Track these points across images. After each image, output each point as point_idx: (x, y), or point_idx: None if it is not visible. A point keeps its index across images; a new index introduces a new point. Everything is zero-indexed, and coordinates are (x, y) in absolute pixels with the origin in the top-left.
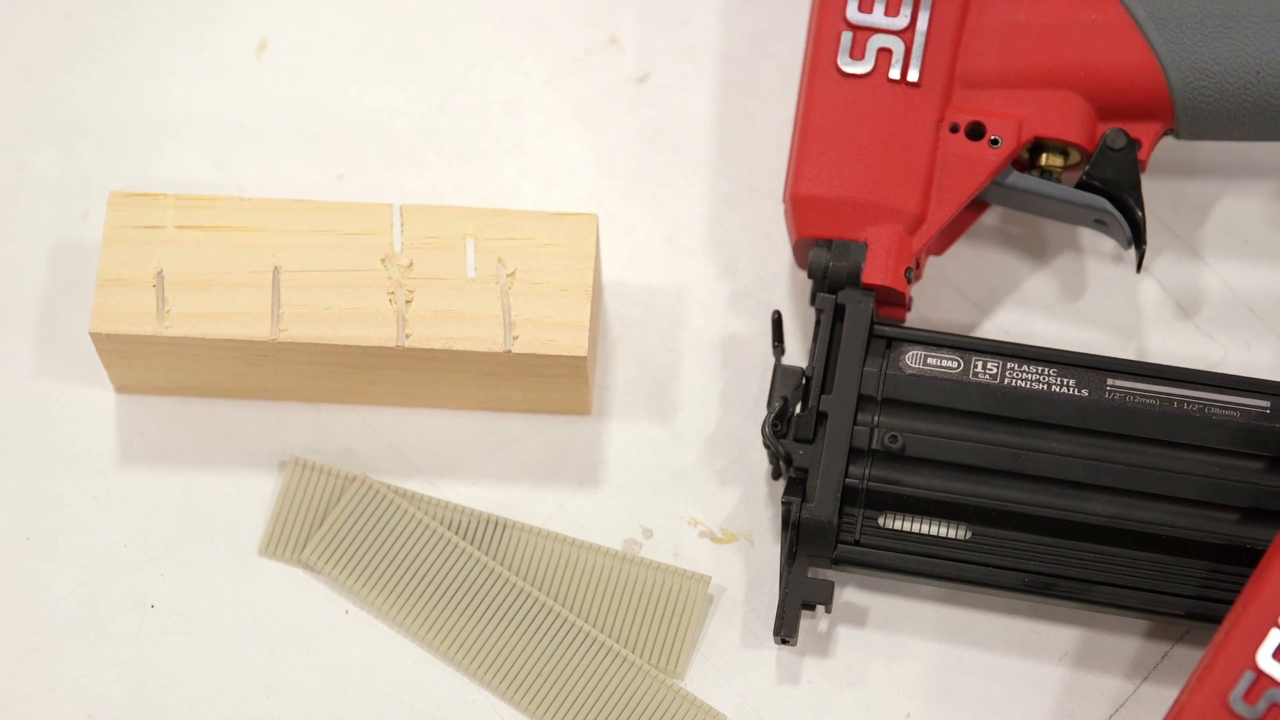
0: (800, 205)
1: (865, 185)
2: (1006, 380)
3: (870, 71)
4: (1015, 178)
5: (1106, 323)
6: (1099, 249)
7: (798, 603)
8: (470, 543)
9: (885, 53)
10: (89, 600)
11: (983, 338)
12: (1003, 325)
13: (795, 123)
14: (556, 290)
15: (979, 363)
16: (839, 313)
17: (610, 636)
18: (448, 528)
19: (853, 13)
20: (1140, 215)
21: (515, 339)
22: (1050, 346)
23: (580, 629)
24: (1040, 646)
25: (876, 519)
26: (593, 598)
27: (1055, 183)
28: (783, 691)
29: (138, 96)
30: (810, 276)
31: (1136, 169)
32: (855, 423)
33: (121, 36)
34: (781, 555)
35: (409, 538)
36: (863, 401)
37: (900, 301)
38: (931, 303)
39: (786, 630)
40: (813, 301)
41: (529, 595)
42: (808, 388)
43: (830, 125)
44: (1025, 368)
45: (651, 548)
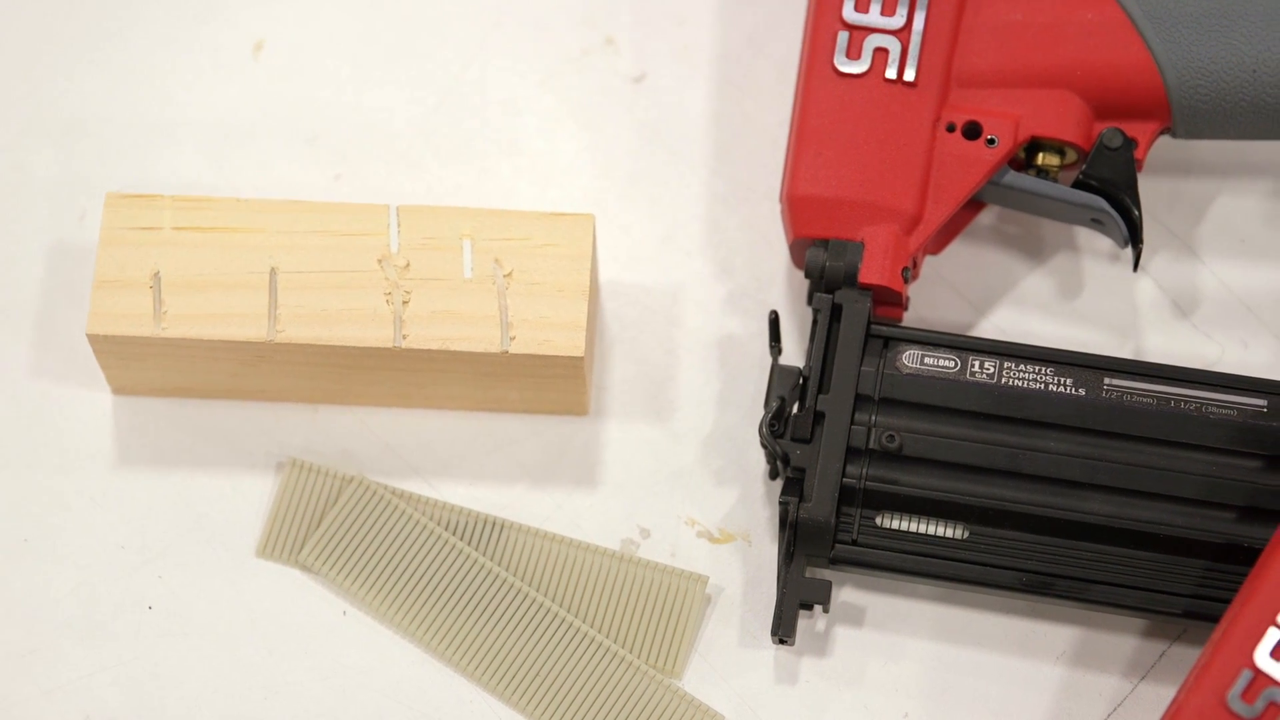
0: (797, 205)
1: (862, 185)
2: (1004, 380)
3: (866, 71)
4: (1012, 177)
5: (1103, 322)
6: (1096, 248)
7: (795, 602)
8: (468, 543)
9: (881, 52)
10: (87, 601)
11: (980, 337)
12: (1000, 325)
13: (792, 123)
14: (553, 290)
15: (976, 362)
16: (836, 312)
17: (608, 637)
18: (445, 528)
19: (849, 12)
20: (1137, 214)
21: (512, 339)
22: (1047, 346)
23: (578, 629)
24: (1038, 646)
25: (874, 519)
26: (590, 598)
27: (1052, 182)
28: (780, 691)
29: (134, 98)
30: (807, 276)
31: (1133, 168)
32: (852, 422)
33: (118, 37)
34: (779, 555)
35: (406, 538)
36: (860, 401)
37: (897, 301)
38: (928, 302)
39: (784, 630)
40: (810, 301)
41: (527, 596)
42: (805, 387)
43: (827, 125)
44: (1022, 367)
45: (649, 548)
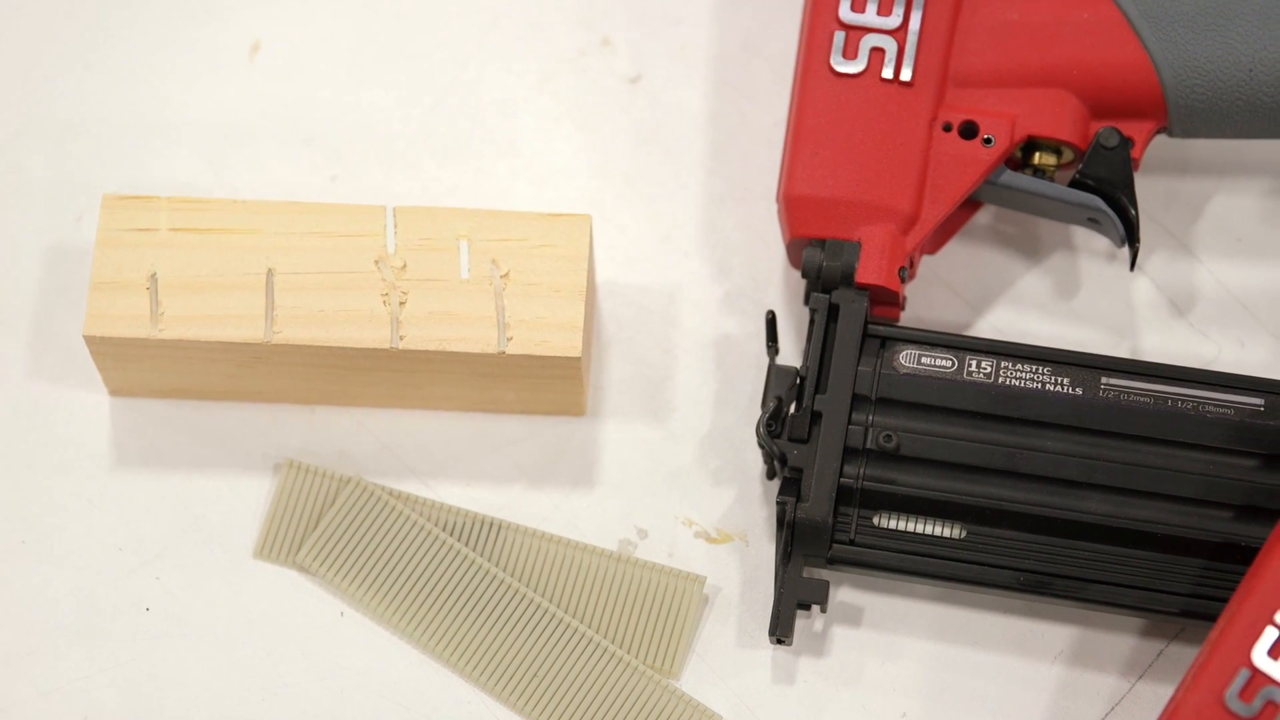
0: (794, 205)
1: (858, 185)
2: (1001, 379)
3: (863, 71)
4: (1008, 176)
5: (1100, 321)
6: (1092, 247)
7: (793, 602)
8: (465, 544)
9: (878, 52)
10: (84, 603)
11: (977, 336)
12: (997, 324)
13: (788, 122)
14: (550, 291)
15: (973, 362)
16: (833, 312)
17: (605, 637)
18: (442, 529)
19: (845, 12)
20: (1133, 213)
21: (509, 340)
22: (1044, 345)
23: (575, 630)
24: (1036, 645)
25: (871, 518)
26: (588, 598)
27: (1048, 181)
28: (778, 691)
29: (131, 99)
30: (804, 276)
31: (1129, 167)
32: (850, 422)
33: (114, 39)
34: (776, 555)
35: (404, 539)
36: (857, 401)
37: (894, 301)
38: (925, 302)
39: (782, 630)
40: (807, 301)
41: (524, 596)
42: (802, 387)
43: (823, 125)
44: (1020, 366)
45: (646, 548)
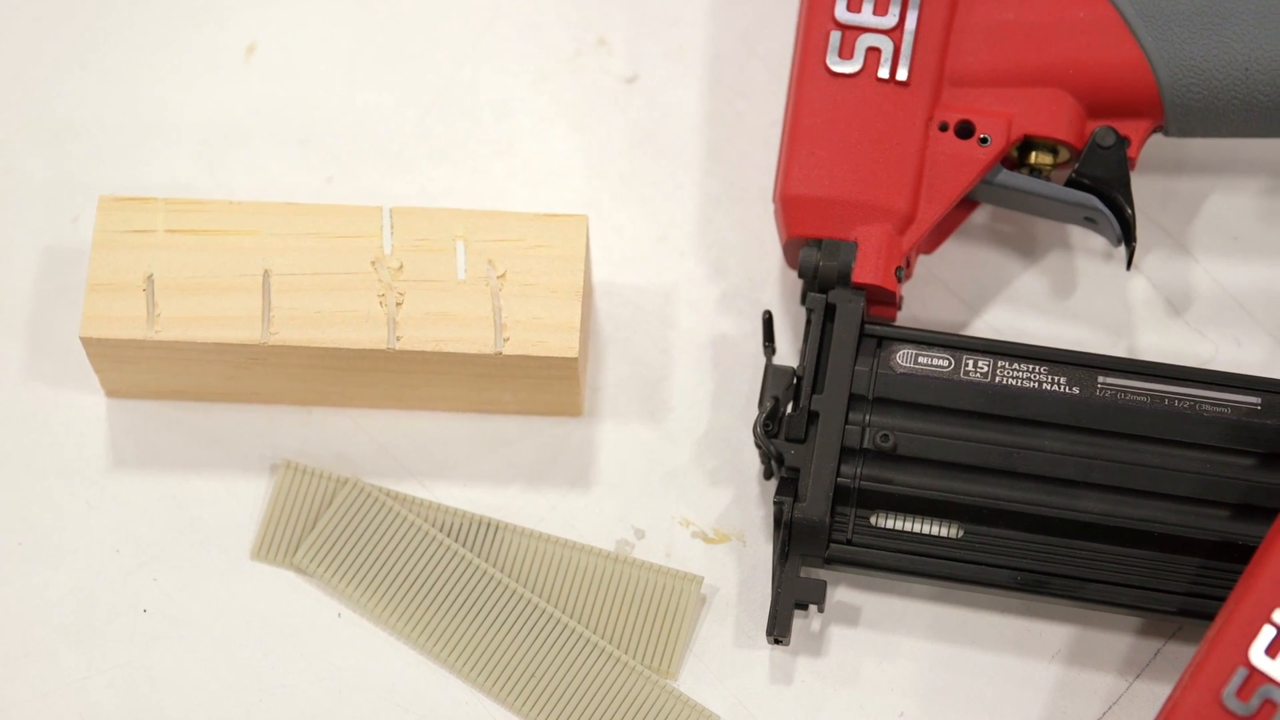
0: (790, 205)
1: (855, 184)
2: (997, 378)
3: (859, 71)
4: (1005, 176)
5: (1097, 320)
6: (1089, 247)
7: (790, 602)
8: (462, 545)
9: (874, 52)
10: (81, 605)
11: (973, 336)
12: (993, 323)
13: (785, 122)
14: (547, 291)
15: (970, 361)
16: (830, 312)
17: (603, 637)
18: (440, 530)
19: (841, 12)
20: (1130, 213)
21: (506, 341)
22: (1041, 344)
23: (573, 630)
24: (1033, 644)
25: (868, 518)
26: (585, 599)
27: (1045, 181)
28: (776, 691)
29: (127, 100)
30: (800, 276)
31: (1126, 166)
32: (846, 422)
33: (110, 40)
34: (774, 555)
35: (401, 540)
36: (854, 401)
37: (891, 300)
38: (922, 301)
39: (779, 630)
40: (803, 301)
41: (521, 597)
42: (799, 387)
43: (819, 125)
44: (1016, 366)
45: (643, 548)
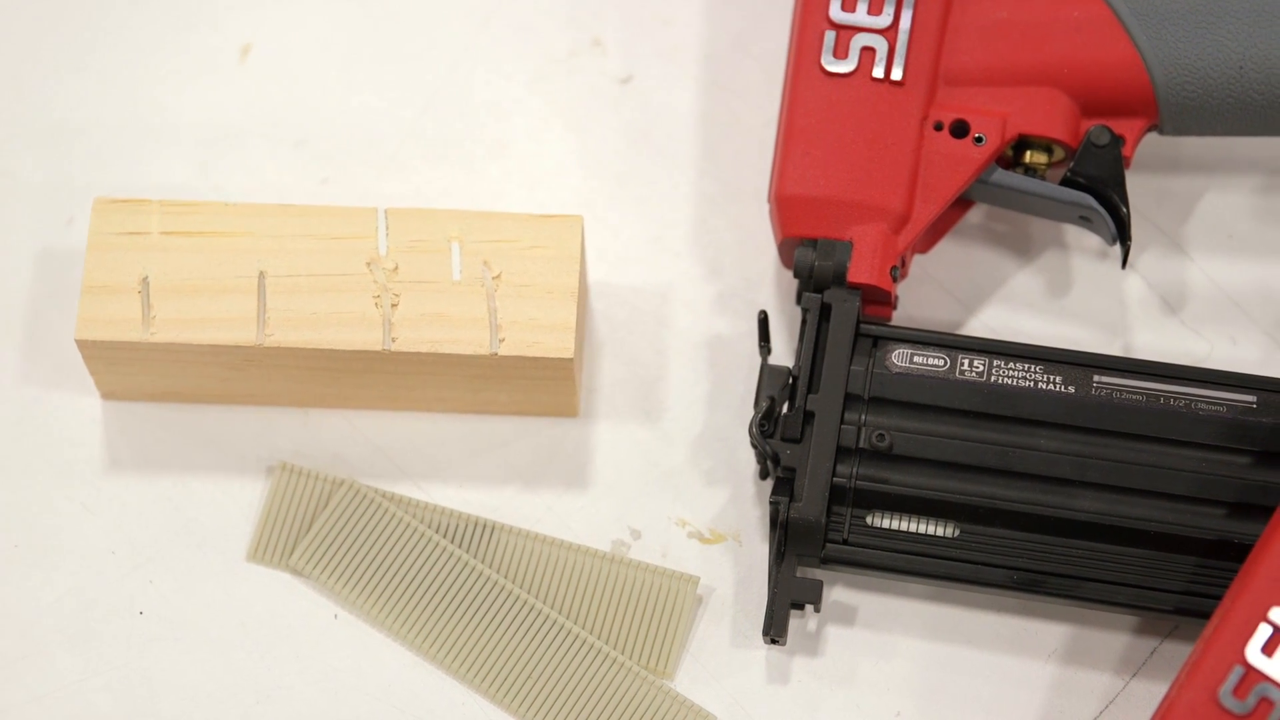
0: (785, 205)
1: (850, 184)
2: (993, 378)
3: (854, 70)
4: (1000, 175)
5: (1092, 319)
6: (1084, 246)
7: (786, 602)
8: (458, 546)
9: (869, 51)
10: (77, 607)
11: (969, 335)
12: (989, 323)
13: (779, 122)
14: (542, 292)
15: (965, 360)
16: (825, 312)
17: (599, 638)
18: (435, 531)
19: (836, 12)
20: (1125, 211)
21: (501, 341)
22: (1037, 343)
23: (569, 631)
24: (1029, 644)
25: (864, 518)
26: (581, 599)
27: (1040, 180)
28: (772, 691)
29: (122, 102)
30: (796, 276)
31: (1121, 165)
32: (842, 422)
33: (105, 42)
34: (770, 555)
35: (397, 541)
36: (849, 400)
37: (886, 300)
38: (917, 301)
39: (776, 630)
40: (799, 301)
41: (517, 598)
42: (794, 387)
43: (814, 124)
44: (1012, 365)
45: (640, 549)
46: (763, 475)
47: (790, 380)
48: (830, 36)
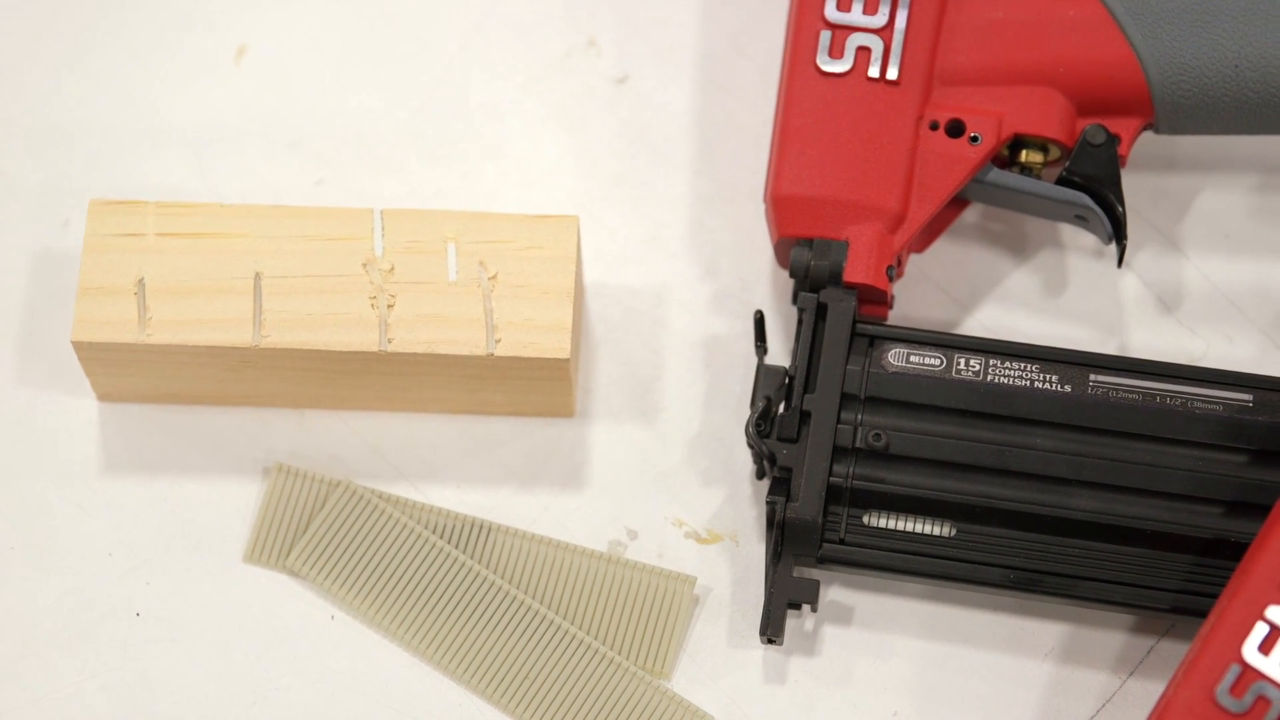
0: (781, 205)
1: (846, 184)
2: (989, 377)
3: (849, 70)
4: (995, 174)
5: (1088, 318)
6: (1080, 245)
7: (783, 602)
8: (455, 546)
9: (864, 51)
10: (74, 609)
11: (965, 335)
12: (985, 322)
13: (775, 122)
14: (538, 293)
15: (961, 360)
16: (821, 312)
17: (596, 638)
18: (432, 532)
19: (831, 11)
20: (1121, 210)
21: (498, 342)
22: (1033, 343)
23: (566, 631)
24: (1026, 643)
25: (861, 517)
26: (578, 600)
27: (1035, 179)
28: (769, 691)
29: (117, 104)
30: (792, 276)
31: (1116, 164)
32: (839, 421)
33: (100, 44)
34: (767, 555)
35: (393, 542)
36: (846, 400)
37: (882, 299)
38: (913, 300)
39: (772, 630)
40: (795, 301)
41: (514, 598)
42: (791, 387)
43: (810, 124)
44: (1008, 364)
45: (636, 549)
46: (759, 475)
47: (786, 380)
48: (825, 36)
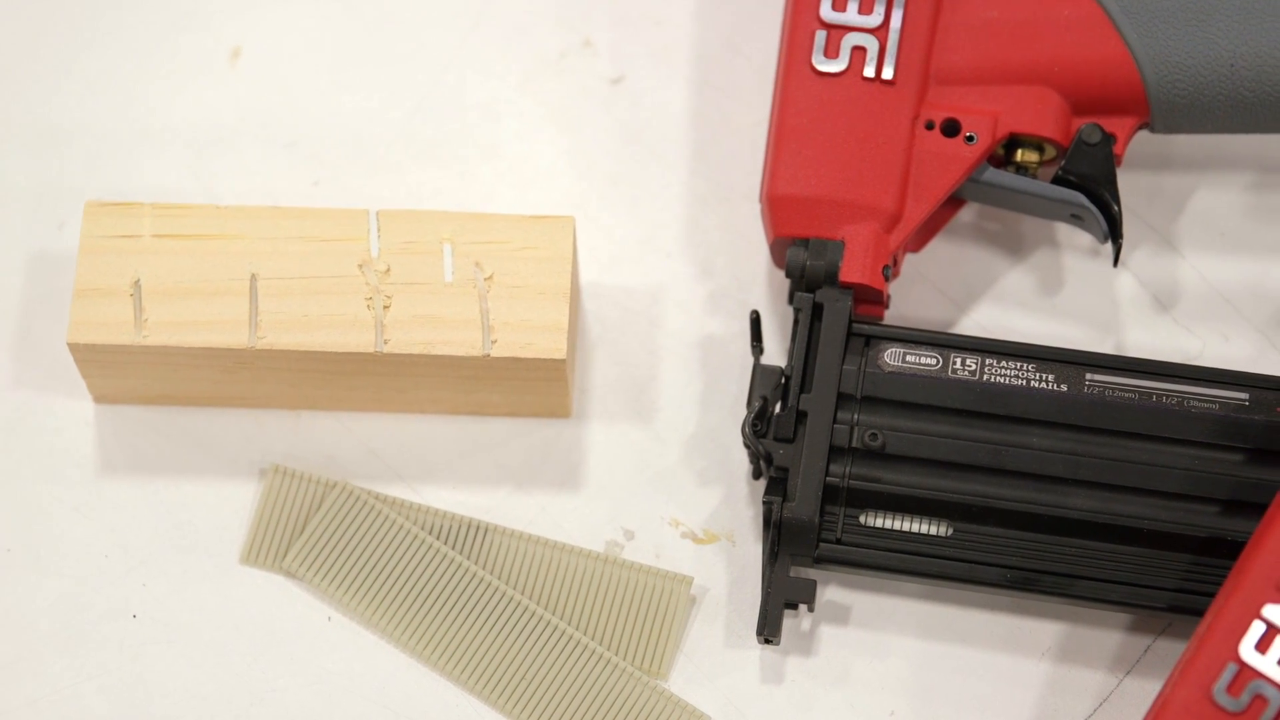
0: (777, 204)
1: (841, 184)
2: (985, 376)
3: (845, 70)
4: (991, 174)
5: (1084, 317)
6: (1076, 244)
7: (780, 602)
8: (452, 547)
9: (859, 51)
10: (71, 611)
11: (961, 334)
12: (981, 321)
13: (771, 122)
14: (534, 293)
15: (958, 359)
16: (817, 311)
17: (593, 639)
18: (429, 532)
19: (826, 11)
20: (1116, 209)
21: (494, 343)
22: (1029, 342)
23: (563, 632)
24: (1023, 642)
25: (858, 517)
26: (575, 600)
27: (1031, 178)
28: (766, 691)
29: (112, 105)
30: (788, 275)
31: (1112, 163)
32: (835, 421)
33: (95, 46)
34: (763, 555)
35: (390, 543)
36: (842, 400)
37: (878, 299)
38: (909, 300)
39: (769, 630)
40: (791, 300)
41: (511, 599)
42: (787, 387)
43: (806, 124)
44: (1004, 363)
45: (633, 549)
46: (756, 475)
47: (783, 380)
48: (821, 36)
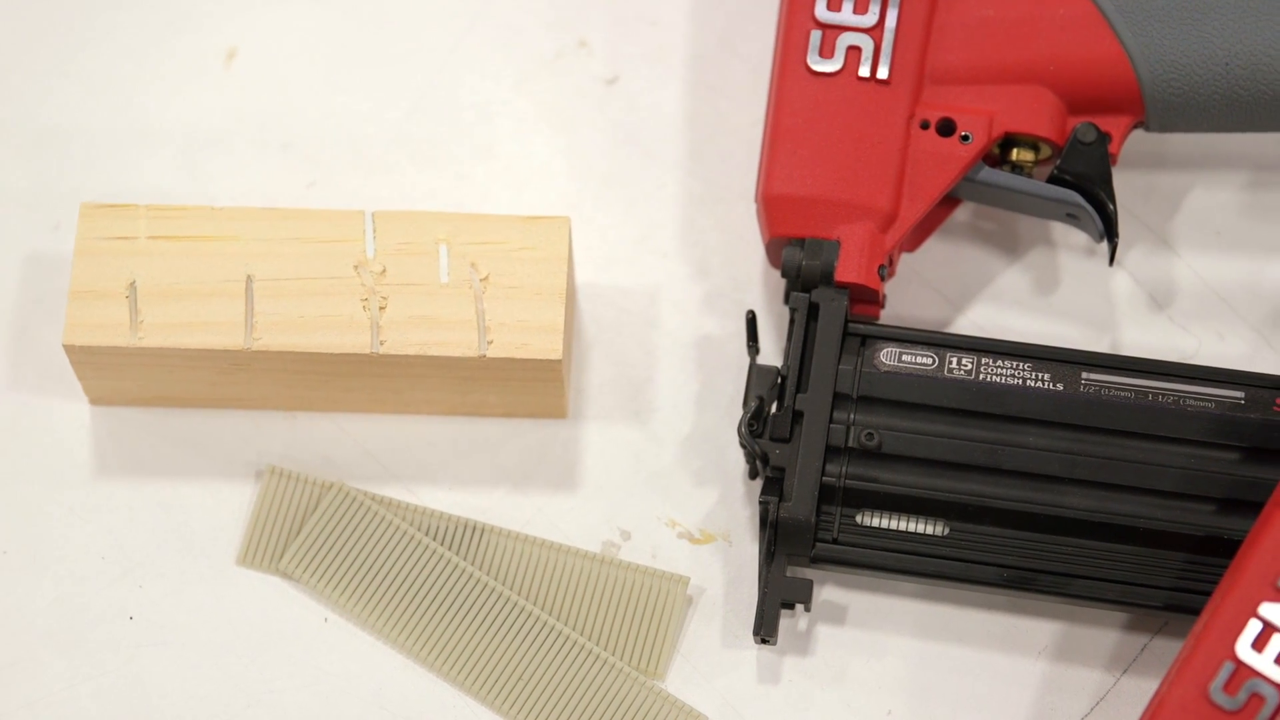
0: (772, 204)
1: (837, 183)
2: (981, 376)
3: (840, 70)
4: (987, 173)
5: (1080, 316)
6: (1071, 243)
7: (777, 602)
8: (448, 548)
9: (854, 50)
10: (68, 612)
11: (957, 334)
12: (977, 321)
13: (766, 122)
14: (530, 294)
15: (954, 359)
16: (813, 311)
17: (590, 639)
18: (425, 533)
19: (821, 11)
20: (1112, 208)
21: (490, 343)
22: (1024, 341)
23: (560, 632)
24: (1020, 641)
25: (854, 517)
26: (572, 601)
27: (1026, 178)
28: (763, 691)
29: (107, 107)
30: (784, 275)
31: (1107, 162)
32: (831, 421)
33: (90, 47)
34: (760, 555)
35: (387, 544)
36: (838, 399)
37: (874, 299)
38: (905, 300)
39: (766, 630)
40: (786, 300)
41: (508, 600)
42: (783, 387)
43: (801, 124)
44: (1000, 363)
45: (630, 549)
46: (752, 475)
47: (779, 380)
48: (816, 36)
